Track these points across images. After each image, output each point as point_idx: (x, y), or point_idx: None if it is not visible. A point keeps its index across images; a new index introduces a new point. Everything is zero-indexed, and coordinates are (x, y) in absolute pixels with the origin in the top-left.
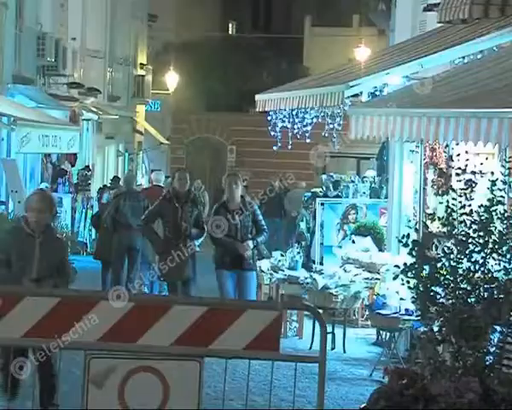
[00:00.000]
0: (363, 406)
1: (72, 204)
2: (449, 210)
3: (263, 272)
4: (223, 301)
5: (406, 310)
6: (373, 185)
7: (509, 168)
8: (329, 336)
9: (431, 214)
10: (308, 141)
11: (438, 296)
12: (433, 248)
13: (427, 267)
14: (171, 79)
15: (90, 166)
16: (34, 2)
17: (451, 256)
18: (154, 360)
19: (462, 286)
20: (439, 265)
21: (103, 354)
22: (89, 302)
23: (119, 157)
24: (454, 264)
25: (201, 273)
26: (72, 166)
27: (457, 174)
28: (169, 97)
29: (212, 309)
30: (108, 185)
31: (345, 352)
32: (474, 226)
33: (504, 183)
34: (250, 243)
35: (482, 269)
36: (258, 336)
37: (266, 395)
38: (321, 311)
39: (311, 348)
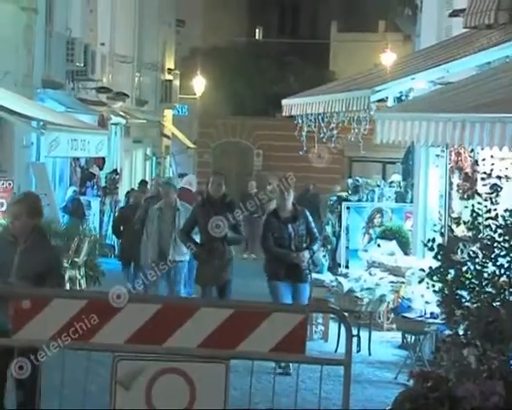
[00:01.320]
0: (388, 408)
1: (100, 207)
2: (474, 214)
3: None
4: (248, 304)
5: (431, 313)
6: (398, 189)
7: None
8: (355, 339)
9: (456, 218)
10: (334, 146)
11: (463, 300)
12: (459, 252)
13: (452, 271)
14: (199, 83)
15: (118, 170)
16: (64, 8)
17: (477, 260)
18: (181, 362)
19: (487, 290)
20: (464, 269)
21: (131, 356)
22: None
23: (147, 161)
24: (479, 268)
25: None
26: (101, 169)
27: (483, 179)
28: (196, 102)
29: (238, 312)
30: (136, 188)
31: (370, 355)
32: (500, 230)
33: None
34: (306, 253)
35: (507, 273)
36: (283, 339)
37: (292, 397)
38: (346, 314)
39: (336, 350)
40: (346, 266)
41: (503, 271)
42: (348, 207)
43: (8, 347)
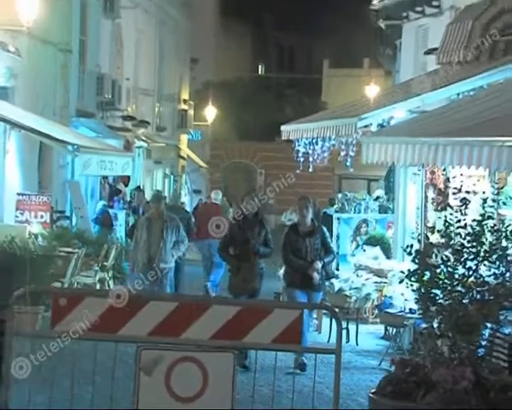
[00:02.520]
0: (373, 391)
1: (125, 219)
2: (446, 224)
3: None
4: (253, 303)
5: (410, 309)
6: (381, 203)
7: (497, 188)
8: (344, 332)
9: (431, 227)
10: (326, 165)
11: (437, 298)
12: (433, 257)
13: (427, 273)
14: (210, 112)
15: (141, 187)
16: (95, 48)
17: (448, 263)
18: (195, 352)
19: (457, 289)
20: (438, 271)
21: (152, 347)
22: (140, 302)
23: (166, 179)
24: (451, 270)
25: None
26: (126, 186)
27: (454, 193)
28: (208, 128)
29: (244, 309)
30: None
31: (357, 345)
32: (468, 238)
33: (493, 200)
34: (319, 263)
35: (475, 274)
36: (283, 332)
37: (290, 382)
38: (337, 310)
39: (328, 341)
40: (337, 269)
41: (471, 272)
42: (338, 218)
43: None
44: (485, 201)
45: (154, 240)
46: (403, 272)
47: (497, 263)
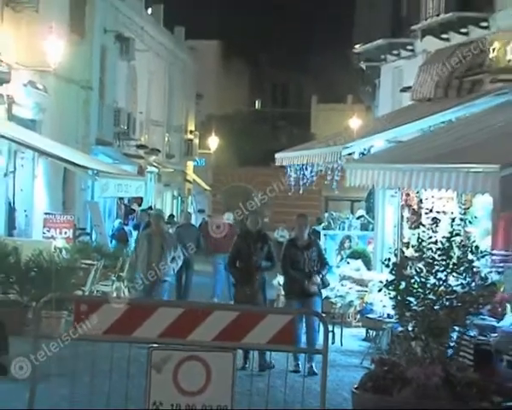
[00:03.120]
0: (355, 386)
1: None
2: (420, 240)
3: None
4: (250, 308)
5: (388, 314)
6: (363, 221)
7: (464, 209)
8: (330, 334)
9: (406, 243)
10: (314, 188)
11: (411, 304)
12: (408, 269)
13: (403, 283)
14: (213, 142)
15: (152, 207)
16: (112, 86)
17: (421, 274)
18: (200, 352)
19: (429, 297)
20: (412, 281)
21: (162, 347)
22: (151, 308)
23: (174, 200)
24: (423, 280)
25: None
26: (139, 206)
27: (426, 213)
28: (211, 155)
29: (242, 313)
30: (166, 221)
31: (342, 346)
32: (439, 252)
33: (461, 219)
34: (318, 278)
35: (444, 284)
36: (277, 334)
37: (283, 378)
38: (324, 315)
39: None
40: None
41: (441, 282)
42: (325, 235)
43: None
44: (453, 220)
45: (154, 254)
46: (381, 282)
47: (464, 274)
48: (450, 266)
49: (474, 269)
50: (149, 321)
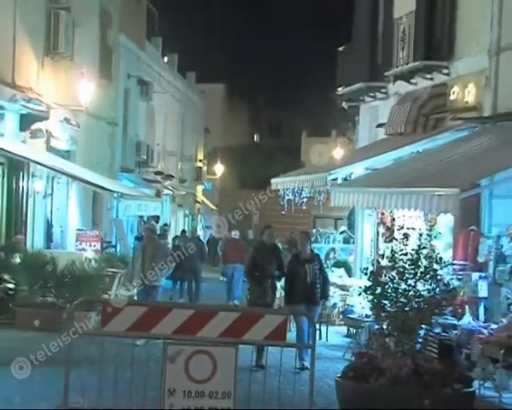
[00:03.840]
0: (339, 375)
1: None
2: (392, 252)
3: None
4: (249, 309)
5: (366, 315)
6: (345, 236)
7: (429, 226)
8: (318, 331)
9: (381, 255)
10: (304, 208)
11: (386, 306)
12: (383, 276)
13: (379, 288)
14: (219, 169)
15: (168, 223)
16: (134, 122)
17: (394, 281)
18: (207, 346)
19: (401, 300)
20: (386, 286)
21: (175, 342)
22: (166, 309)
23: (186, 218)
24: (396, 286)
25: None
26: (157, 223)
27: (398, 229)
28: (217, 180)
29: (243, 314)
30: (179, 235)
31: (327, 341)
32: (409, 262)
33: (427, 235)
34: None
35: (413, 289)
36: (272, 331)
37: (278, 368)
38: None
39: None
40: None
41: (411, 288)
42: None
43: None
44: (420, 235)
45: (147, 262)
46: (361, 287)
47: (430, 281)
48: (419, 274)
49: (438, 277)
50: (165, 320)
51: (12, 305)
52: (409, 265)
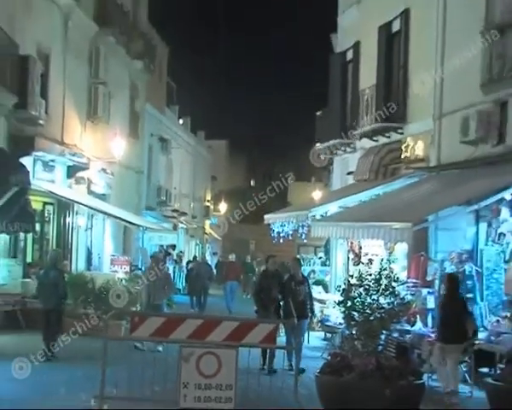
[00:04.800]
0: (318, 371)
1: (173, 269)
2: (360, 273)
3: None
4: (247, 319)
5: (339, 323)
6: (322, 260)
7: (389, 252)
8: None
9: (351, 275)
10: (290, 238)
11: (355, 316)
12: (352, 292)
13: (349, 302)
14: (223, 207)
15: (182, 251)
16: (156, 171)
17: (361, 296)
18: (214, 348)
19: (367, 311)
20: (355, 300)
21: (189, 345)
22: (181, 319)
23: (197, 246)
24: (362, 300)
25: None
26: (174, 250)
27: (364, 255)
28: (221, 216)
29: (242, 323)
30: (191, 260)
31: (308, 343)
32: (372, 281)
33: (387, 259)
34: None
35: (377, 303)
36: (265, 337)
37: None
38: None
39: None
40: None
41: (374, 301)
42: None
43: None
44: (382, 260)
45: (152, 285)
46: (335, 301)
47: (389, 296)
48: (380, 291)
49: (396, 292)
50: (180, 328)
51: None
52: (373, 283)
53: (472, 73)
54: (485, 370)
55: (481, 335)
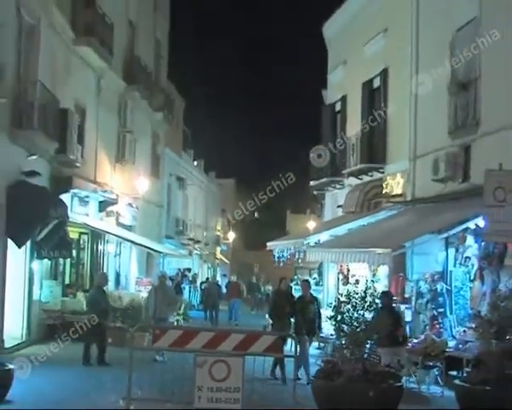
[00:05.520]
0: (313, 376)
1: (189, 289)
2: (348, 291)
3: None
4: (252, 331)
5: (331, 334)
6: (316, 281)
7: (373, 274)
8: (298, 346)
9: (341, 293)
10: (289, 262)
11: (344, 329)
12: (342, 308)
13: (339, 316)
14: (231, 235)
15: (196, 273)
16: (174, 205)
17: (349, 311)
18: (224, 357)
19: (354, 324)
20: (344, 315)
21: (203, 354)
22: (196, 332)
23: (209, 269)
24: (351, 315)
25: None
26: (189, 272)
27: (352, 276)
28: (230, 244)
29: (248, 335)
30: (204, 281)
31: None
32: (359, 298)
33: (371, 280)
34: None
35: (363, 317)
36: (268, 347)
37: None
38: (294, 335)
39: (290, 350)
40: None
41: (361, 316)
42: (295, 289)
43: None
44: (366, 280)
45: (158, 302)
46: (327, 316)
47: (373, 311)
48: (366, 306)
49: (379, 308)
50: (195, 339)
51: None
52: (359, 300)
53: (441, 122)
54: (454, 373)
55: (451, 343)
